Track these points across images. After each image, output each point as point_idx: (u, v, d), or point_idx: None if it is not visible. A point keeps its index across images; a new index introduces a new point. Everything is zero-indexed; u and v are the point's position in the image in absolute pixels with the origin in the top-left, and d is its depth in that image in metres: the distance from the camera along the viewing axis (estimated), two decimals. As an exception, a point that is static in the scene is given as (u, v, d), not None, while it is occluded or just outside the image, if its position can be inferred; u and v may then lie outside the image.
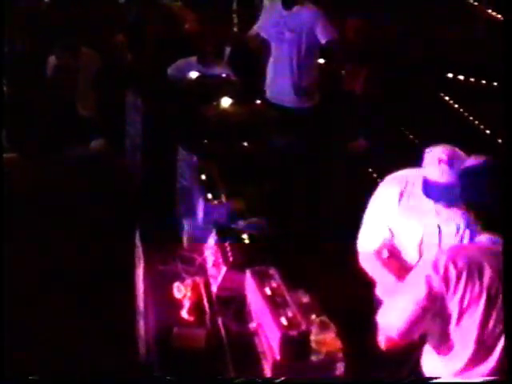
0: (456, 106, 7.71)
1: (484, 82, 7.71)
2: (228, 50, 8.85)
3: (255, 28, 7.02)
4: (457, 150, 3.72)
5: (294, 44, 6.66)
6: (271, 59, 6.85)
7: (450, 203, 3.71)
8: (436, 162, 3.65)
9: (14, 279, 4.67)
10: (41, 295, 5.33)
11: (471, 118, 7.39)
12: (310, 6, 6.71)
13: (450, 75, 7.85)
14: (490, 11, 7.96)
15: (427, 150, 3.76)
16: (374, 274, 4.04)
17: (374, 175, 6.75)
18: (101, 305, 5.36)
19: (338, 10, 6.79)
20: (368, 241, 4.04)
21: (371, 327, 4.15)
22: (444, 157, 3.64)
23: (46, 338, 4.96)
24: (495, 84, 7.59)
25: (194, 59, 7.20)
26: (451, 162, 3.63)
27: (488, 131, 7.00)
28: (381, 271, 3.97)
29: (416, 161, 3.92)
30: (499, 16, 7.84)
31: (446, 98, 7.84)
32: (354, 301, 4.45)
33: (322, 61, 6.85)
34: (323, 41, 6.58)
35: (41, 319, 5.11)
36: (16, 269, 4.91)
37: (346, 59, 6.17)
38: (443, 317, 3.17)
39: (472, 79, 7.81)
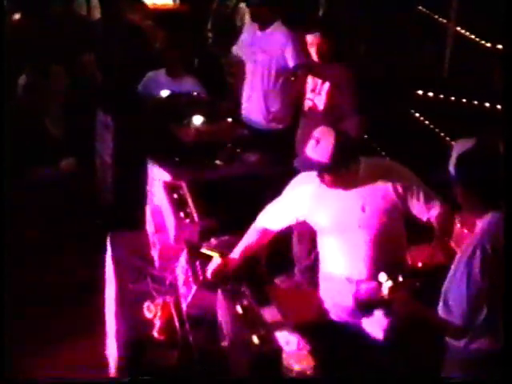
0: (426, 122, 7.78)
1: (453, 98, 7.78)
2: (196, 61, 8.91)
3: (234, 47, 7.00)
4: None
5: (265, 65, 6.58)
6: (246, 80, 6.80)
7: None
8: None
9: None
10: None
11: (442, 133, 7.45)
12: (282, 28, 6.60)
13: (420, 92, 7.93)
14: (458, 28, 8.04)
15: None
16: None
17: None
18: (72, 324, 5.33)
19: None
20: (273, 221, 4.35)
21: (343, 344, 4.20)
22: None
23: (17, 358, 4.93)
24: (464, 100, 7.67)
25: (162, 71, 7.20)
26: None
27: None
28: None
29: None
30: (467, 33, 7.94)
31: (416, 115, 7.90)
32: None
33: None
34: (291, 64, 6.46)
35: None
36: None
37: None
38: None
39: (441, 95, 7.88)
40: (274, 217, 4.37)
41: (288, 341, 3.66)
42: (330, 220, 4.22)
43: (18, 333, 4.95)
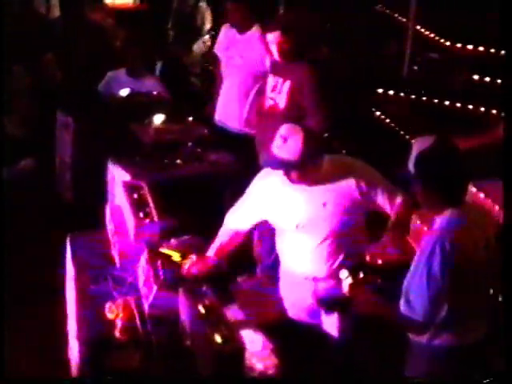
0: (386, 120, 7.82)
1: (413, 96, 7.83)
2: (159, 64, 8.88)
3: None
4: None
5: (242, 70, 6.43)
6: (223, 83, 6.64)
7: None
8: None
9: None
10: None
11: (401, 132, 7.49)
12: (261, 33, 6.33)
13: (380, 90, 7.97)
14: (418, 27, 8.09)
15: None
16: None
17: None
18: (31, 326, 5.27)
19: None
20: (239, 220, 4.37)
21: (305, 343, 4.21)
22: None
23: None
24: (424, 98, 7.72)
25: (122, 71, 7.16)
26: None
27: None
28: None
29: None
30: (427, 32, 7.99)
31: (377, 113, 7.94)
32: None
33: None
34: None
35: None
36: None
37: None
38: None
39: (402, 94, 7.93)
40: (241, 217, 4.37)
41: (252, 340, 3.66)
42: (291, 217, 4.22)
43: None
